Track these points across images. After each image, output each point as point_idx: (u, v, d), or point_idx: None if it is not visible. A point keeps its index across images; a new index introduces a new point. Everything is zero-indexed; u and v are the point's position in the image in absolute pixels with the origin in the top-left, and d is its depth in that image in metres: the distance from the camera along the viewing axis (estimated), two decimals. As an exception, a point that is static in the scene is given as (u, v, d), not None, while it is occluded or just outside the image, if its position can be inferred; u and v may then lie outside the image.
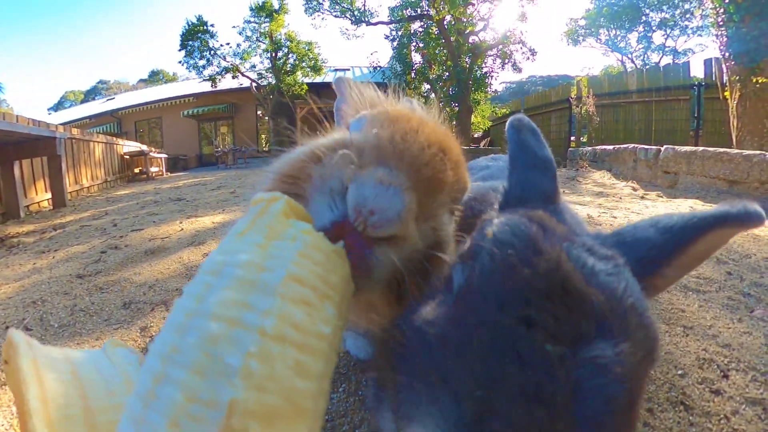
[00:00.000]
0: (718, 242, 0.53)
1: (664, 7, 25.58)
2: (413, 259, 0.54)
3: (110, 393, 0.50)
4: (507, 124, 0.75)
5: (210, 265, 0.39)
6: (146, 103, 22.88)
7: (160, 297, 1.63)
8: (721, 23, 6.42)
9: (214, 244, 2.40)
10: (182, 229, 2.89)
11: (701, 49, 28.34)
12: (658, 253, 0.52)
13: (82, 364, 0.53)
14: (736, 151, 4.51)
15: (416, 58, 16.14)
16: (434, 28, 13.83)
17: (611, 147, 6.66)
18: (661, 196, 4.38)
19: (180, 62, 18.90)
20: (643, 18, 26.75)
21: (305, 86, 18.66)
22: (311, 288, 0.38)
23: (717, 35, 6.63)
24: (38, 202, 5.35)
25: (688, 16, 24.39)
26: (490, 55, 15.40)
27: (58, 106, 56.01)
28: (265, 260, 0.39)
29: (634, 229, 0.57)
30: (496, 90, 17.51)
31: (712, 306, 1.42)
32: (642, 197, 4.28)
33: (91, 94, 56.92)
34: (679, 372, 1.07)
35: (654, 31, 27.58)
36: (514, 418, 0.33)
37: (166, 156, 13.80)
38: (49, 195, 5.42)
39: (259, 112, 21.65)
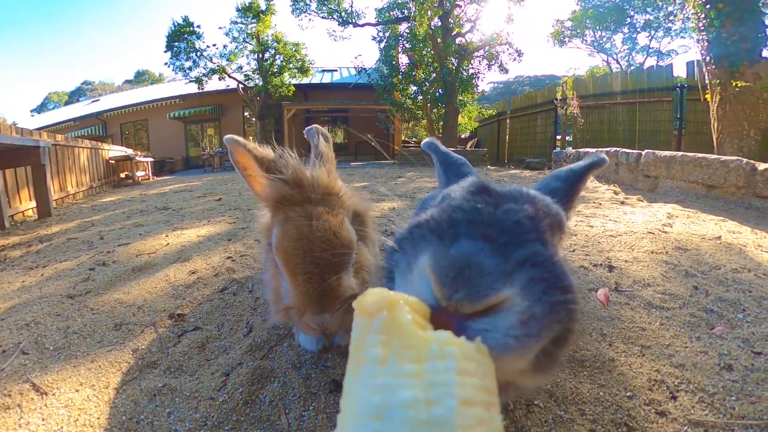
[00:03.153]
0: (590, 177, 1.00)
1: (649, 9, 26.08)
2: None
3: None
4: (424, 146, 1.28)
5: (367, 409, 0.38)
6: (132, 105, 22.62)
7: (149, 318, 1.67)
8: (702, 28, 6.57)
9: (199, 260, 2.44)
10: (168, 243, 2.92)
11: (684, 50, 29.02)
12: (565, 194, 0.89)
13: None
14: (714, 156, 4.63)
15: (403, 59, 16.20)
16: (421, 30, 13.88)
17: (593, 150, 6.80)
18: (641, 200, 4.49)
19: (166, 63, 18.77)
20: (628, 20, 27.26)
21: (292, 87, 18.63)
22: (480, 405, 0.38)
23: (698, 39, 6.78)
24: (23, 212, 5.30)
25: (671, 18, 24.80)
26: (477, 57, 15.50)
27: (41, 108, 55.10)
28: (428, 392, 0.37)
29: (547, 183, 0.95)
30: (483, 90, 17.62)
31: (673, 324, 1.49)
32: (622, 202, 4.38)
33: (75, 96, 56.12)
34: (628, 394, 1.12)
35: (638, 32, 28.16)
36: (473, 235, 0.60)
37: (152, 159, 13.70)
38: (34, 204, 5.37)
39: (246, 114, 21.54)
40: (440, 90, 14.72)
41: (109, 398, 1.16)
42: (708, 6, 6.36)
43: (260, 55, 18.71)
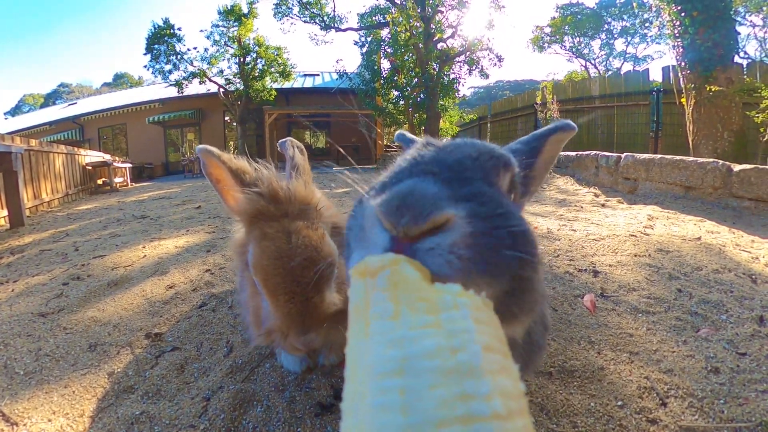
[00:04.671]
0: (557, 145, 0.97)
1: (625, 17, 26.94)
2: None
3: None
4: (396, 138, 1.25)
5: (386, 365, 0.35)
6: (110, 109, 22.03)
7: (125, 338, 1.60)
8: (677, 34, 6.78)
9: (177, 273, 2.37)
10: (145, 255, 2.83)
11: (659, 56, 30.00)
12: (528, 155, 0.91)
13: None
14: (692, 158, 4.74)
15: (385, 64, 16.22)
16: (403, 35, 13.93)
17: (574, 153, 6.88)
18: (622, 202, 4.56)
19: (146, 66, 18.32)
20: (606, 26, 28.10)
21: (274, 92, 18.44)
22: (499, 352, 0.37)
23: (674, 46, 7.00)
24: (-6, 221, 5.11)
25: (647, 25, 25.64)
26: (458, 62, 15.62)
27: (15, 111, 53.47)
28: (450, 340, 0.36)
29: (509, 147, 0.94)
30: (464, 95, 17.78)
31: (660, 328, 1.50)
32: (603, 204, 4.44)
33: (51, 98, 54.81)
34: (619, 403, 1.11)
35: (616, 38, 29.13)
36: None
37: (131, 165, 13.38)
38: (5, 213, 5.15)
39: (226, 118, 21.21)
40: (422, 95, 14.77)
41: (84, 428, 1.10)
42: (683, 14, 6.55)
43: (241, 59, 18.44)
